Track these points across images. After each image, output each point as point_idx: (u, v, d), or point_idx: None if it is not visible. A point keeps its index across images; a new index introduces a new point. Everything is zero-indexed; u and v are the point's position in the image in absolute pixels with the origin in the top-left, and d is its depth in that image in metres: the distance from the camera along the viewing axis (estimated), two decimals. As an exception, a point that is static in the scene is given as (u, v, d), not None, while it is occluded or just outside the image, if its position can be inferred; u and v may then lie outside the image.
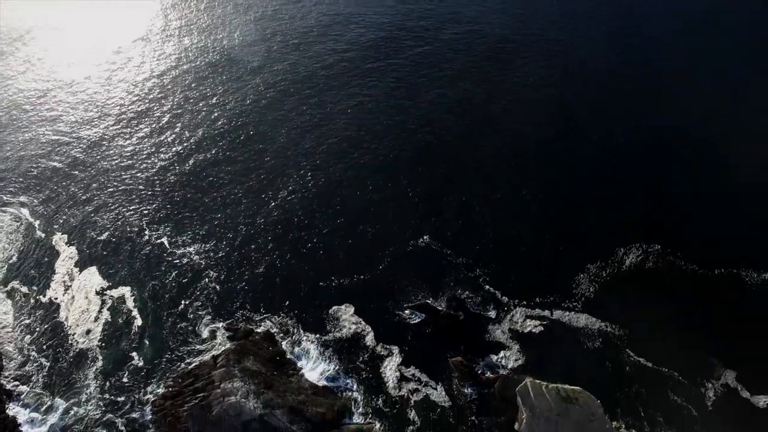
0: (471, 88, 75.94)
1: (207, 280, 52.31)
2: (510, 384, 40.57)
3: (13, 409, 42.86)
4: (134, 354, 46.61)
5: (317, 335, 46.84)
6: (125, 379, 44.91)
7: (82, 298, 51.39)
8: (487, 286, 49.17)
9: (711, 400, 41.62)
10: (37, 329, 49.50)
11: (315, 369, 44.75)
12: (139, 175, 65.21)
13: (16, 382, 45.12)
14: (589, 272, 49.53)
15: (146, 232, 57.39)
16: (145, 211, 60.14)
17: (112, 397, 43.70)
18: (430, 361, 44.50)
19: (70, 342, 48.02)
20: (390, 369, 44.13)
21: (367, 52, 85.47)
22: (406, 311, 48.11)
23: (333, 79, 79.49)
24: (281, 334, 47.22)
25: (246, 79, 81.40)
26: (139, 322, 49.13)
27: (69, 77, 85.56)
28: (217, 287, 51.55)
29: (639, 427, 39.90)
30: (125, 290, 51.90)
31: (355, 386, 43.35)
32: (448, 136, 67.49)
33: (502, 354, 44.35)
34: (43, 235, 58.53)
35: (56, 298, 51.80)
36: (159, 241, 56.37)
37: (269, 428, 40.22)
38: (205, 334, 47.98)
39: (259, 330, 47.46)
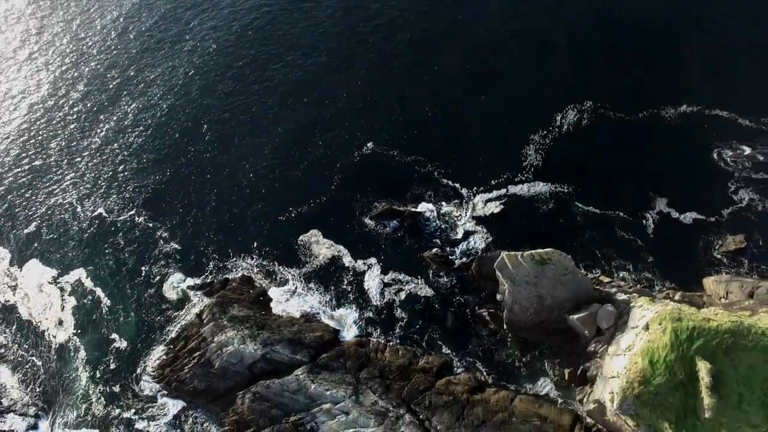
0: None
1: (162, 241, 50.31)
2: (485, 262, 43.56)
3: (9, 422, 41.65)
4: (114, 335, 45.56)
5: (294, 267, 47.30)
6: (113, 366, 44.33)
7: (36, 293, 48.48)
8: (443, 179, 50.42)
9: (651, 227, 46.62)
10: (5, 334, 46.97)
11: (301, 299, 45.76)
12: (44, 153, 58.89)
13: (4, 392, 43.49)
14: (533, 143, 51.55)
15: (78, 209, 53.28)
16: (68, 188, 55.32)
17: (108, 386, 43.28)
18: (407, 261, 46.51)
19: (46, 338, 46.20)
20: (372, 280, 45.82)
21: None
22: (373, 220, 49.04)
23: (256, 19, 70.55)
24: (258, 275, 47.33)
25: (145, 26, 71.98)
26: (106, 301, 47.40)
27: None
28: (176, 246, 49.87)
29: (600, 267, 44.72)
30: (79, 273, 49.29)
31: (344, 305, 45.07)
32: (362, 40, 63.86)
33: (471, 239, 46.91)
34: (-41, 243, 53.07)
35: (8, 301, 48.71)
36: (96, 213, 52.80)
37: (274, 364, 41.82)
38: (179, 295, 47.23)
39: (234, 277, 47.23)
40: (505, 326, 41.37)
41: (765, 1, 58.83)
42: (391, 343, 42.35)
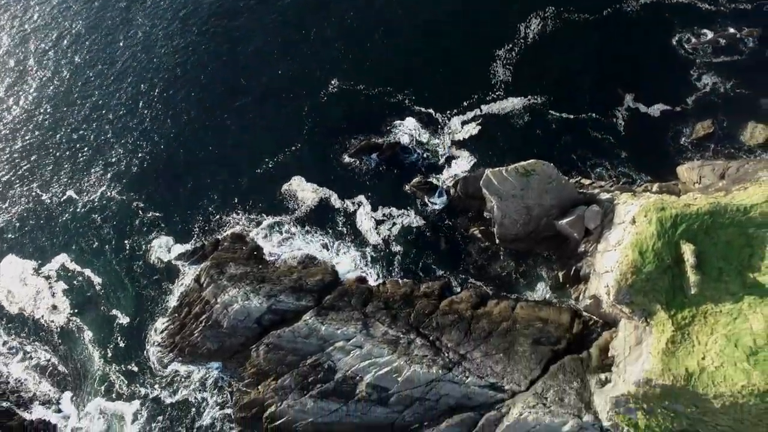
0: None
1: (141, 212, 49.10)
2: (470, 182, 44.10)
3: (35, 412, 42.02)
4: (115, 312, 45.34)
5: (283, 215, 47.06)
6: (122, 343, 44.39)
7: (20, 286, 47.29)
8: (416, 107, 49.80)
9: (621, 125, 47.55)
10: (5, 332, 46.28)
11: (295, 246, 45.94)
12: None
13: (22, 386, 43.51)
14: (500, 58, 50.79)
15: (44, 196, 50.99)
16: (27, 176, 52.55)
17: (122, 363, 43.59)
18: (393, 194, 46.73)
19: (46, 326, 45.70)
20: (363, 219, 46.10)
21: None
22: (352, 158, 48.61)
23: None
24: (248, 230, 46.99)
25: None
26: (97, 279, 46.75)
27: None
28: (157, 214, 48.81)
29: (578, 169, 45.88)
30: (62, 258, 48.16)
31: (339, 246, 45.51)
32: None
33: (453, 163, 47.15)
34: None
35: (-6, 300, 47.44)
36: (65, 197, 50.66)
37: (281, 313, 42.52)
38: (171, 264, 46.75)
39: (224, 236, 46.82)
40: (497, 241, 42.68)
41: None
42: (391, 276, 43.48)
